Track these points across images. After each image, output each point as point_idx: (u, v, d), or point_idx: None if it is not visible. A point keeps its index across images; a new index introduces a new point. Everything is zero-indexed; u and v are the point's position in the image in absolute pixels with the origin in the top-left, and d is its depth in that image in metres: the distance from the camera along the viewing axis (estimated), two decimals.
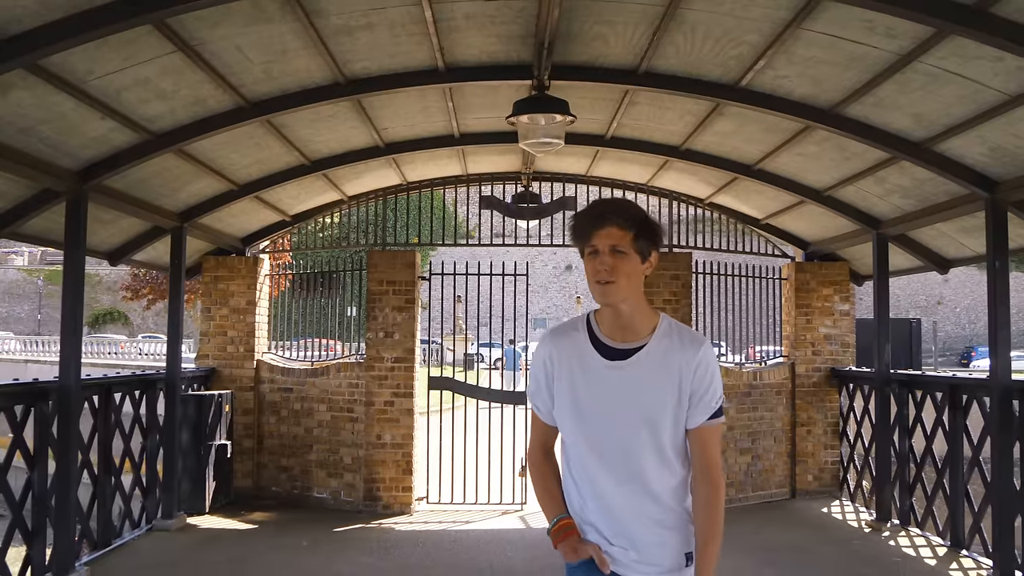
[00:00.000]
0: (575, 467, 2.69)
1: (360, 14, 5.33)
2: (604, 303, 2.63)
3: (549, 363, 2.71)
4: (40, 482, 6.32)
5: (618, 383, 2.62)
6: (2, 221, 6.43)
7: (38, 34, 4.41)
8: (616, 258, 2.56)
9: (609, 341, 2.66)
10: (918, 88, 5.71)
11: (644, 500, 2.62)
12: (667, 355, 2.63)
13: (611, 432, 2.61)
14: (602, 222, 2.58)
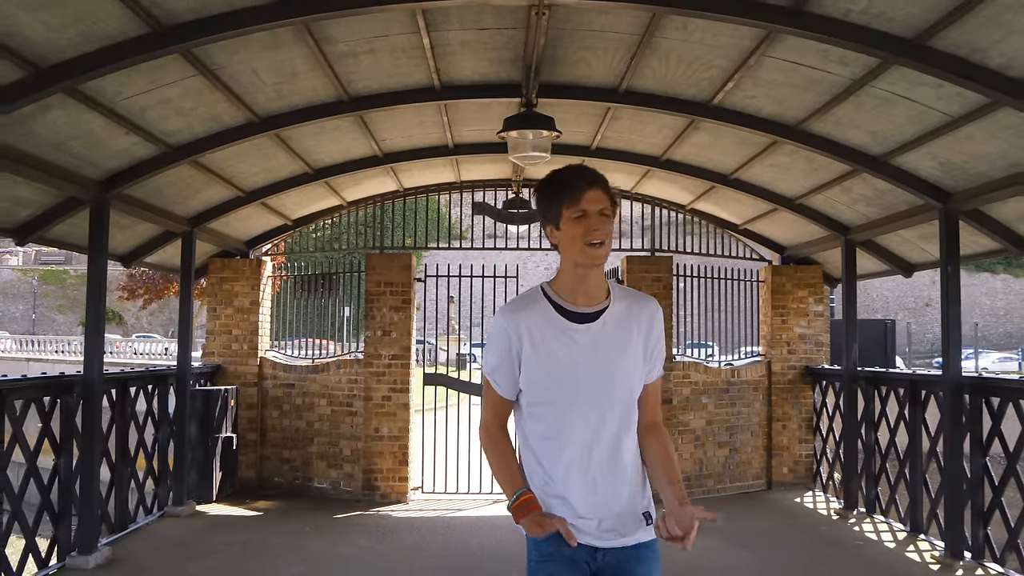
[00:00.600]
0: (542, 438, 2.70)
1: (364, 40, 5.88)
2: (592, 264, 2.63)
3: (516, 335, 2.67)
4: (66, 468, 6.85)
5: (592, 345, 2.65)
6: (31, 226, 6.94)
7: (79, 63, 4.95)
8: (604, 221, 2.61)
9: (571, 306, 2.68)
10: (872, 109, 6.28)
11: (616, 460, 2.66)
12: (628, 314, 2.70)
13: (591, 393, 2.64)
14: (593, 185, 2.61)
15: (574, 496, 2.65)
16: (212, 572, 6.79)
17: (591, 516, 2.64)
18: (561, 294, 2.69)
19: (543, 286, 2.73)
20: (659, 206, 11.06)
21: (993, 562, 6.84)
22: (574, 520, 2.63)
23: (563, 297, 2.68)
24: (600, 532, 2.65)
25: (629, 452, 2.69)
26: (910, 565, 7.13)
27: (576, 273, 2.66)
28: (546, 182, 2.69)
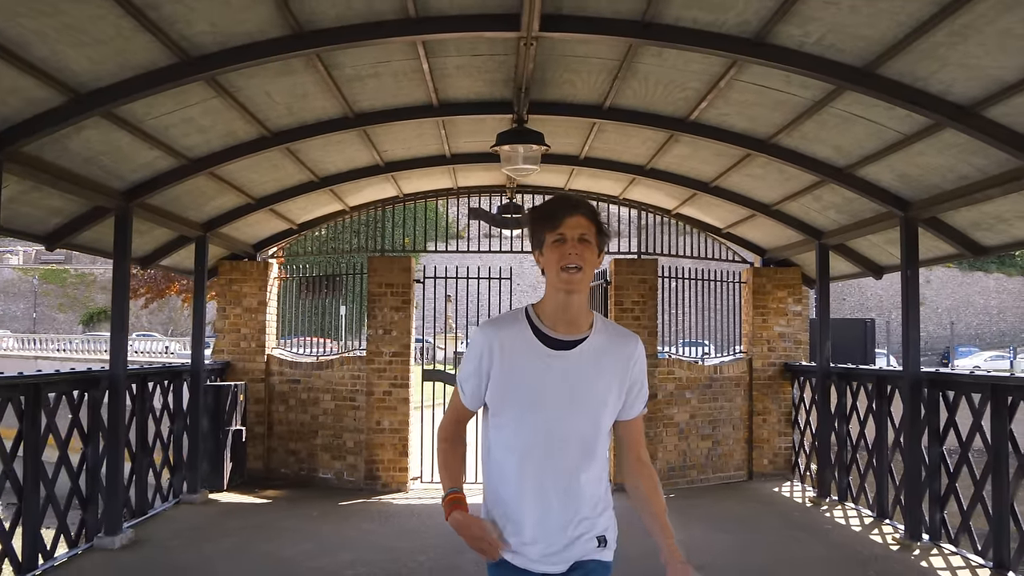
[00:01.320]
0: (502, 455, 2.73)
1: (369, 66, 6.46)
2: (569, 289, 2.66)
3: (488, 352, 2.71)
4: (93, 456, 7.43)
5: (564, 373, 2.67)
6: (60, 233, 7.52)
7: (114, 89, 5.53)
8: (584, 247, 2.63)
9: (551, 332, 2.70)
10: (834, 126, 6.87)
11: (573, 487, 2.68)
12: (608, 348, 2.72)
13: (554, 419, 2.66)
14: (574, 211, 2.65)
15: (526, 518, 2.67)
16: (228, 551, 7.36)
17: (539, 540, 2.66)
18: (543, 318, 2.72)
19: (528, 308, 2.77)
20: (646, 211, 11.66)
21: (948, 543, 7.43)
22: (519, 546, 2.68)
23: (544, 322, 2.71)
24: (544, 557, 2.68)
25: (589, 482, 2.71)
26: (872, 546, 7.72)
27: (557, 299, 2.68)
28: (534, 210, 2.80)
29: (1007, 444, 6.70)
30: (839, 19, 5.12)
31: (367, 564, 6.91)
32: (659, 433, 10.46)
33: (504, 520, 2.69)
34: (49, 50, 4.93)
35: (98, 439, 7.49)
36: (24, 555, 6.40)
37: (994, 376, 7.60)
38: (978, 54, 5.02)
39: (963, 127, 5.74)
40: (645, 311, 10.61)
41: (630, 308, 10.55)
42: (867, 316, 51.07)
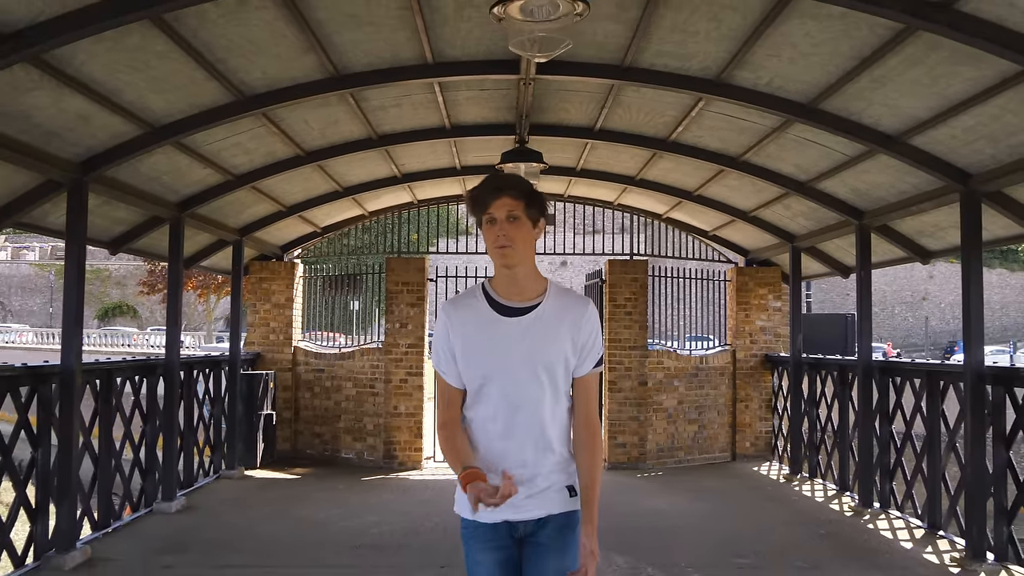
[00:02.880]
0: (478, 420, 2.92)
1: (393, 99, 7.58)
2: (503, 265, 2.84)
3: (450, 329, 2.90)
4: (151, 433, 8.57)
5: (519, 336, 2.85)
6: (122, 239, 8.64)
7: (184, 123, 6.66)
8: (512, 225, 2.80)
9: (505, 301, 2.89)
10: (791, 148, 7.96)
11: (542, 439, 2.88)
12: (560, 312, 2.89)
13: (516, 381, 2.84)
14: (498, 193, 2.81)
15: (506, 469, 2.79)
16: (268, 515, 8.50)
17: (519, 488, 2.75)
18: (497, 289, 2.91)
19: (484, 282, 2.98)
20: (638, 215, 12.76)
21: (895, 509, 8.52)
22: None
23: (499, 293, 2.91)
24: (522, 503, 2.82)
25: (558, 435, 2.92)
26: (830, 513, 8.82)
27: (502, 272, 2.89)
28: (467, 193, 2.94)
29: (939, 422, 7.81)
30: (781, 68, 6.23)
31: (389, 524, 8.04)
32: (649, 417, 11.57)
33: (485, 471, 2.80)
34: (136, 95, 6.06)
35: (155, 419, 8.63)
36: (99, 515, 7.55)
37: (929, 363, 8.70)
38: (895, 97, 6.12)
39: (893, 153, 6.83)
40: (637, 307, 11.71)
41: (623, 304, 11.65)
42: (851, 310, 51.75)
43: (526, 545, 2.93)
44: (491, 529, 2.89)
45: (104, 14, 4.67)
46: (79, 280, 6.82)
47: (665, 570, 6.46)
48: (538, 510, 2.88)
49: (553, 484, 2.89)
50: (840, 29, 5.40)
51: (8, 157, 5.86)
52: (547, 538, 2.89)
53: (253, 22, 5.48)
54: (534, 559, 2.91)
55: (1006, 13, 4.58)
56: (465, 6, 5.67)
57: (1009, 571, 6.43)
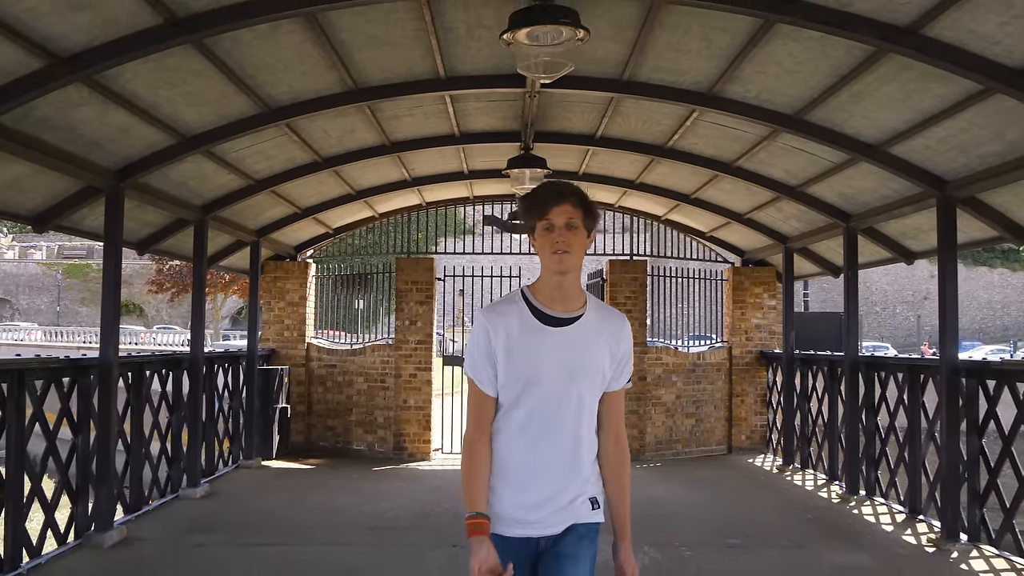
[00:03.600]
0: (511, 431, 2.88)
1: (406, 108, 8.08)
2: (559, 271, 2.83)
3: (491, 335, 2.87)
4: (176, 423, 9.08)
5: (562, 346, 2.84)
6: (149, 241, 9.14)
7: (213, 133, 7.17)
8: (571, 232, 2.80)
9: (548, 311, 2.87)
10: (781, 155, 8.45)
11: (576, 453, 2.86)
12: (600, 324, 2.91)
13: (554, 391, 2.83)
14: (560, 199, 2.81)
15: (533, 483, 2.85)
16: (288, 501, 9.01)
17: (545, 505, 2.84)
18: (539, 298, 2.90)
19: (523, 289, 2.96)
20: (638, 217, 13.26)
21: (880, 497, 9.01)
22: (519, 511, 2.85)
23: (541, 301, 2.89)
24: (548, 517, 2.85)
25: (587, 448, 2.91)
26: (818, 500, 9.32)
27: (552, 280, 2.87)
28: (524, 198, 2.96)
29: (920, 414, 8.30)
30: (768, 82, 6.72)
31: (402, 509, 8.54)
32: (648, 411, 12.07)
33: (511, 486, 2.86)
34: (172, 108, 6.58)
35: (181, 410, 9.14)
36: (131, 499, 8.06)
37: (910, 358, 9.20)
38: (873, 109, 6.62)
39: (874, 161, 7.32)
40: (636, 305, 12.20)
41: (623, 303, 12.14)
42: (866, 309, 52.39)
43: (546, 554, 2.91)
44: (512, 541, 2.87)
45: (151, 39, 5.19)
46: (116, 280, 7.31)
47: (661, 550, 6.95)
48: (561, 525, 2.88)
49: (578, 496, 2.89)
50: (819, 50, 5.89)
51: (54, 165, 6.37)
52: (565, 546, 2.88)
53: (283, 44, 6.00)
54: (551, 566, 2.89)
55: (966, 38, 5.07)
56: (476, 27, 6.18)
57: (980, 550, 6.92)
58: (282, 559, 6.72)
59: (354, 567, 6.54)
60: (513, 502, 2.85)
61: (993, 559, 6.70)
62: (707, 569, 6.47)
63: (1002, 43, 5.01)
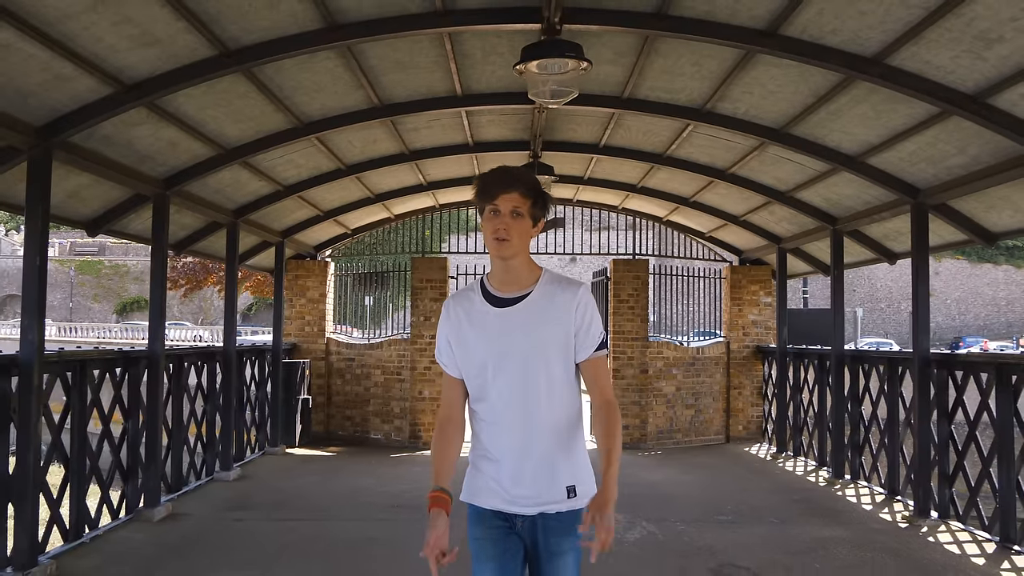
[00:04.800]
0: (482, 411, 2.95)
1: (425, 122, 8.80)
2: (498, 256, 2.88)
3: (452, 322, 2.98)
4: (211, 412, 9.82)
5: (510, 325, 2.89)
6: (185, 242, 9.88)
7: (252, 145, 7.89)
8: (514, 219, 2.84)
9: (498, 293, 2.94)
10: (771, 164, 9.14)
11: (539, 432, 2.87)
12: (551, 298, 2.92)
13: (510, 369, 2.87)
14: (508, 187, 2.85)
15: (506, 462, 2.90)
16: (314, 483, 9.74)
17: (518, 484, 2.88)
18: (493, 282, 2.97)
19: (483, 277, 3.05)
20: (641, 218, 13.96)
21: (863, 480, 9.70)
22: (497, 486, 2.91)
23: (494, 285, 2.96)
24: (523, 495, 2.89)
25: (555, 427, 2.91)
26: (806, 483, 10.02)
27: (497, 264, 2.94)
28: (478, 180, 2.95)
29: (898, 403, 8.99)
30: (755, 101, 7.42)
31: (419, 491, 9.19)
32: (649, 402, 12.78)
33: (485, 464, 2.94)
34: (217, 125, 7.31)
35: (216, 399, 9.88)
36: (172, 479, 8.80)
37: (890, 352, 9.88)
38: (850, 126, 7.31)
39: (853, 171, 8.01)
40: (638, 302, 12.91)
41: (626, 300, 12.85)
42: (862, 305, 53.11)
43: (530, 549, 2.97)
44: (491, 514, 2.96)
45: (206, 69, 5.92)
46: (162, 279, 8.07)
47: (657, 524, 7.66)
48: (531, 507, 2.90)
49: (556, 478, 2.90)
50: (798, 74, 6.59)
51: (111, 176, 7.10)
52: (548, 543, 2.92)
53: (318, 69, 6.72)
54: (535, 563, 2.97)
55: (924, 67, 5.77)
56: (490, 54, 6.90)
57: (948, 525, 7.61)
58: (313, 531, 7.44)
59: (377, 538, 7.25)
60: (492, 476, 2.92)
61: (958, 533, 7.39)
62: (698, 541, 7.16)
63: (955, 72, 5.70)
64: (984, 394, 7.34)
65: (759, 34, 5.87)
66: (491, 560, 2.93)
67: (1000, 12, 4.81)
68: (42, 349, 6.00)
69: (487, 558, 2.94)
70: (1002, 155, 6.49)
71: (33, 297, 5.95)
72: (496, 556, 2.93)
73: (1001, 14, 4.83)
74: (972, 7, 4.84)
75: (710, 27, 5.88)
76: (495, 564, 2.93)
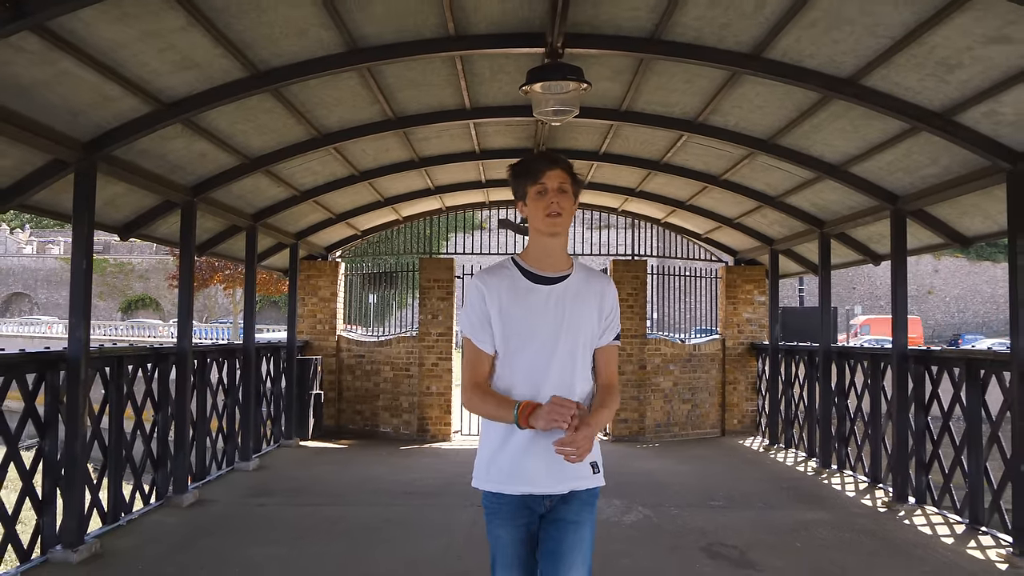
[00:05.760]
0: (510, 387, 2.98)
1: (435, 132, 9.35)
2: (552, 232, 2.98)
3: (486, 296, 3.00)
4: (231, 405, 10.38)
5: (551, 302, 2.99)
6: (207, 245, 10.43)
7: (275, 155, 8.45)
8: (563, 196, 2.96)
9: (537, 271, 3.03)
10: (761, 171, 9.69)
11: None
12: (588, 283, 3.06)
13: (551, 344, 2.94)
14: (553, 166, 2.99)
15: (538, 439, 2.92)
16: (329, 472, 10.31)
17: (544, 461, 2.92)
18: (529, 261, 3.06)
19: (513, 256, 3.12)
20: (640, 220, 14.52)
21: (848, 470, 10.25)
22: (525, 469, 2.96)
23: (531, 264, 3.05)
24: (545, 473, 2.95)
25: (586, 399, 3.02)
26: (794, 473, 10.57)
27: (541, 243, 3.04)
28: (514, 166, 3.09)
29: (880, 395, 9.54)
30: (743, 114, 7.97)
31: (430, 479, 9.82)
32: (648, 397, 13.34)
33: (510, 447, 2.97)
34: (243, 138, 7.87)
35: (236, 394, 10.44)
36: (196, 469, 9.36)
37: (871, 348, 10.43)
38: (831, 138, 7.86)
39: (837, 179, 8.57)
40: (637, 300, 13.47)
41: (625, 299, 13.38)
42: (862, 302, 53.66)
43: (546, 520, 3.01)
44: (514, 503, 2.98)
45: (239, 89, 6.47)
46: (190, 281, 8.63)
47: (652, 508, 8.22)
48: (561, 485, 2.97)
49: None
50: (782, 92, 7.14)
51: (145, 186, 7.66)
52: (568, 513, 2.98)
53: (340, 87, 7.28)
54: (552, 532, 2.98)
55: (894, 88, 6.32)
56: (498, 72, 7.45)
57: (923, 509, 8.17)
58: (332, 515, 7.99)
59: (392, 520, 7.80)
60: (512, 455, 2.96)
61: (932, 516, 7.95)
62: (691, 523, 7.72)
63: (923, 92, 6.25)
64: (956, 387, 7.89)
65: (744, 57, 6.42)
66: (519, 570, 3.02)
67: (957, 42, 5.36)
68: (87, 345, 6.55)
69: (514, 567, 3.02)
70: (970, 166, 7.05)
71: (80, 298, 6.52)
72: (523, 564, 3.01)
73: (958, 44, 5.38)
74: (932, 38, 5.39)
75: (699, 51, 6.43)
76: (522, 573, 3.01)
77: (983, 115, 6.17)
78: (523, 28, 6.34)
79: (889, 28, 5.49)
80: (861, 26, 5.60)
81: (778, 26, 5.84)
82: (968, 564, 6.47)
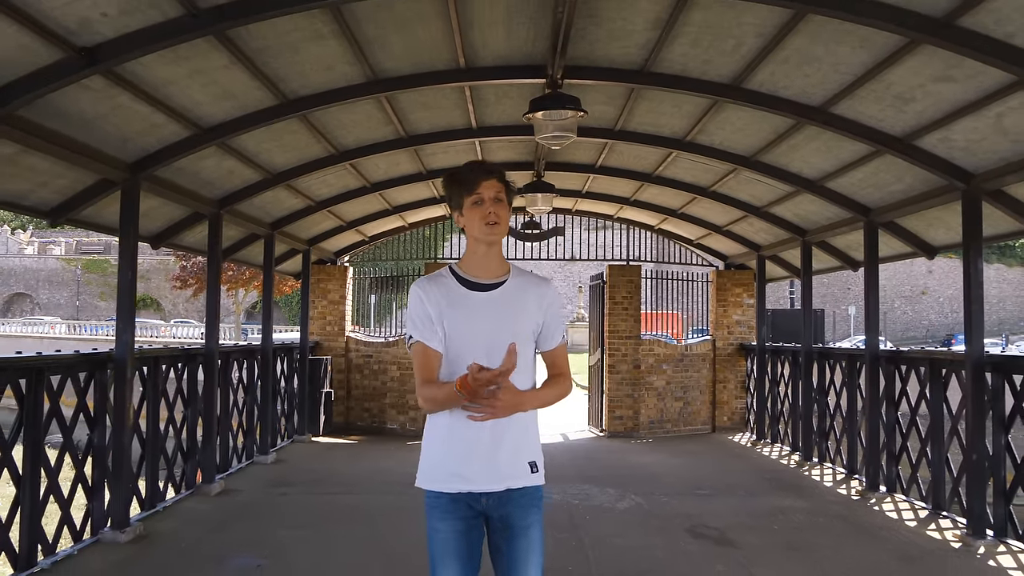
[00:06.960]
0: None
1: (443, 148, 10.05)
2: (490, 241, 3.05)
3: (427, 301, 3.05)
4: (250, 402, 11.08)
5: (486, 307, 3.05)
6: (229, 251, 11.12)
7: (294, 171, 9.15)
8: (499, 205, 3.03)
9: (473, 279, 3.08)
10: (746, 184, 10.41)
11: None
12: (524, 288, 3.12)
13: (487, 348, 2.95)
14: (488, 175, 3.04)
15: (474, 440, 2.99)
16: (343, 465, 11.02)
17: (487, 461, 2.99)
18: (466, 269, 3.11)
19: (451, 266, 3.17)
20: (634, 226, 15.24)
21: (829, 463, 10.97)
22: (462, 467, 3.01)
23: (469, 272, 3.10)
24: (482, 471, 3.00)
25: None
26: (778, 465, 11.29)
27: (479, 251, 3.09)
28: (449, 177, 3.12)
29: (857, 393, 10.26)
30: (727, 135, 8.70)
31: None
32: (641, 395, 14.06)
33: (448, 442, 3.04)
34: (269, 156, 8.59)
35: (255, 392, 11.15)
36: (220, 461, 10.05)
37: (849, 349, 11.16)
38: (808, 157, 8.59)
39: (814, 193, 9.29)
40: (632, 303, 14.19)
41: (620, 301, 14.13)
42: (856, 303, 54.43)
43: (492, 527, 3.08)
44: (451, 501, 3.04)
45: (271, 116, 7.19)
46: (216, 286, 9.37)
47: (644, 497, 8.94)
48: (497, 484, 3.02)
49: (516, 454, 3.05)
50: (761, 116, 7.85)
51: (177, 199, 8.36)
52: (515, 518, 3.05)
53: (357, 110, 7.99)
54: (503, 540, 3.08)
55: (859, 115, 7.05)
56: (503, 97, 8.17)
57: (893, 497, 8.89)
58: (350, 502, 8.70)
59: (406, 507, 8.44)
60: (451, 455, 3.03)
61: (900, 503, 8.67)
62: (678, 509, 8.43)
63: (884, 120, 6.97)
64: (922, 385, 8.62)
65: (725, 87, 7.14)
66: (456, 560, 3.06)
67: (909, 80, 6.09)
68: (132, 347, 7.25)
69: (451, 556, 3.06)
70: (931, 184, 7.77)
71: (126, 304, 7.21)
72: (460, 555, 3.05)
73: (911, 81, 6.11)
74: (888, 76, 6.12)
75: (685, 81, 7.16)
76: (460, 565, 3.06)
77: (939, 140, 6.89)
78: (526, 61, 7.06)
79: (851, 67, 6.22)
80: (827, 64, 6.33)
81: (755, 62, 6.56)
82: (926, 543, 7.20)
